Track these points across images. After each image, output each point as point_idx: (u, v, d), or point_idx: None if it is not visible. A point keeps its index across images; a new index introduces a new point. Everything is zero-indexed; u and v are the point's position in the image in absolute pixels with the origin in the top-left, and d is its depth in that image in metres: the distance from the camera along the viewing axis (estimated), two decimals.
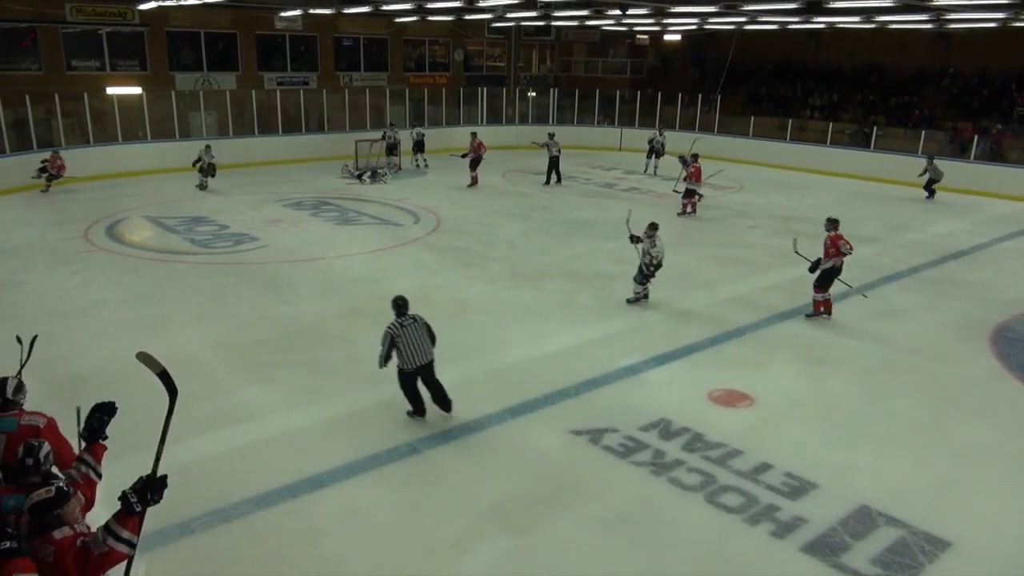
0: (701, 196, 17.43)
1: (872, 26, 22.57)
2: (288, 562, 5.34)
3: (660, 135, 23.53)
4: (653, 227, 10.63)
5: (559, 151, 20.42)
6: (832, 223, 10.38)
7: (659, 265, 10.64)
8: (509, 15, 24.07)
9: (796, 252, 10.77)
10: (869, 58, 28.19)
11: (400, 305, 7.17)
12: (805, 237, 15.19)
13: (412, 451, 6.82)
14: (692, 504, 6.13)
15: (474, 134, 20.42)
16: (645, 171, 22.98)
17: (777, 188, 21.07)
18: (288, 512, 5.90)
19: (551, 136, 20.78)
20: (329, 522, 5.80)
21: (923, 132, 22.96)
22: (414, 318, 7.13)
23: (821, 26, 24.35)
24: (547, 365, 8.74)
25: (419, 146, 22.94)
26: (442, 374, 7.46)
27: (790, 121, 25.51)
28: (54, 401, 6.42)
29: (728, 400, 8.01)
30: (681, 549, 5.61)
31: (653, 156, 23.10)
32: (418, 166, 22.86)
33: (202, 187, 18.70)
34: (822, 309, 10.43)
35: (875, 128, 23.75)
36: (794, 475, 6.51)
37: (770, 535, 5.73)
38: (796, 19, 21.91)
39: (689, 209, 17.08)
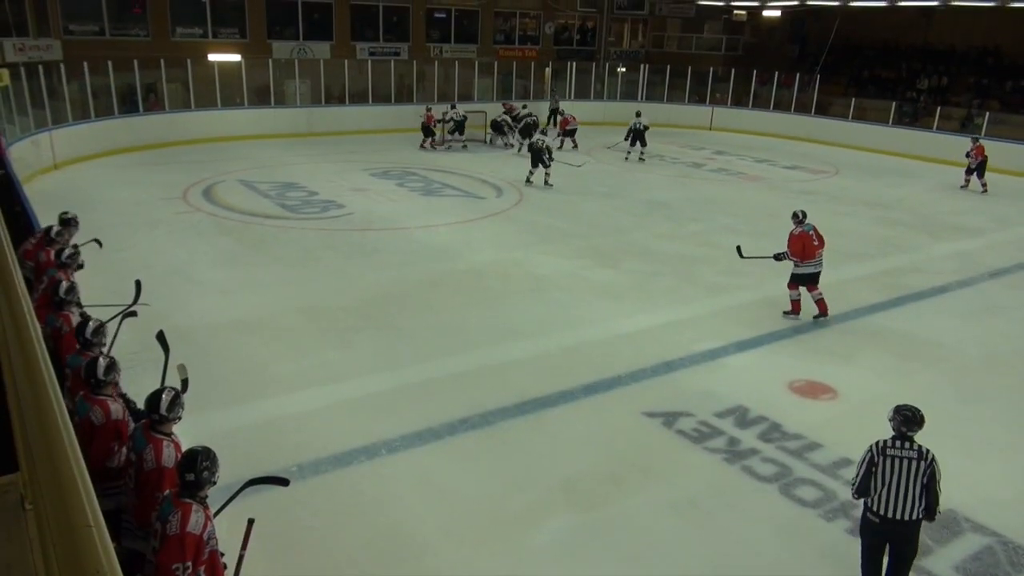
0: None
1: (992, 4, 21.14)
2: (360, 521, 5.51)
3: (638, 117, 20.53)
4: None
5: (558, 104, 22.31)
6: (795, 217, 9.45)
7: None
8: None
9: (743, 257, 9.85)
10: (986, 39, 26.42)
11: (910, 420, 4.60)
12: (904, 227, 14.61)
13: (485, 423, 6.90)
14: (766, 495, 6.00)
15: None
16: (627, 157, 20.53)
17: (876, 174, 20.14)
18: (362, 474, 6.07)
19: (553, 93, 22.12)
20: (401, 486, 5.94)
21: None
22: (922, 454, 4.56)
23: (935, 3, 22.98)
24: (623, 345, 8.67)
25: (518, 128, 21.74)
26: (519, 348, 7.47)
27: (894, 104, 24.25)
28: (149, 352, 6.79)
29: (809, 391, 7.77)
30: (751, 539, 5.50)
31: (638, 142, 20.31)
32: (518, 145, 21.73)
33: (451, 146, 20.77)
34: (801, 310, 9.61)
35: (987, 114, 22.32)
36: None
37: (846, 532, 5.55)
38: None
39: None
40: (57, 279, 5.87)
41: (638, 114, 20.47)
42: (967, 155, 18.16)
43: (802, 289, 9.51)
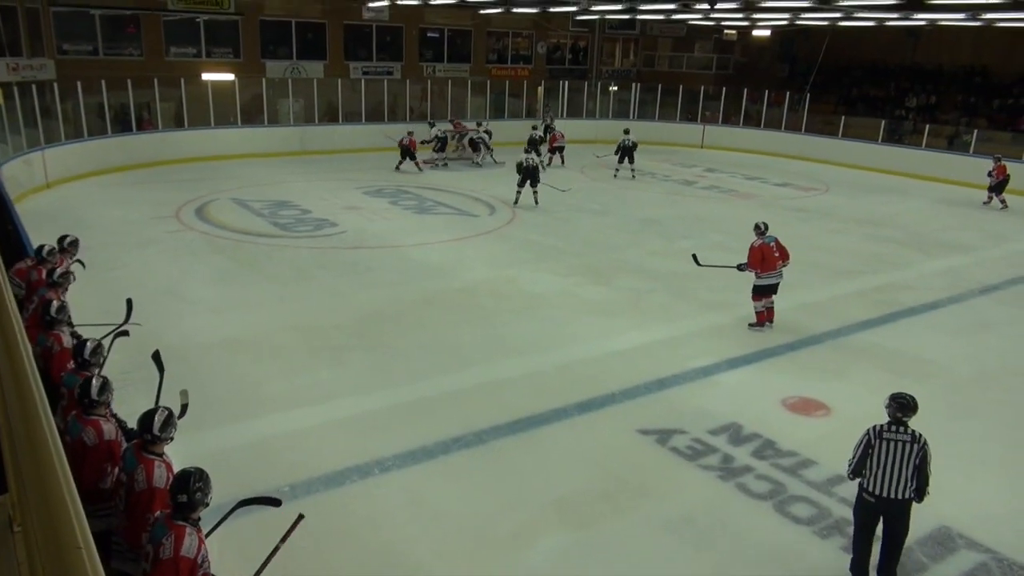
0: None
1: (978, 24, 21.41)
2: (352, 542, 5.47)
3: (627, 134, 20.39)
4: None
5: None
6: (757, 228, 9.55)
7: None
8: (594, 8, 23.87)
9: (700, 265, 9.88)
10: (972, 58, 26.77)
11: (905, 407, 4.96)
12: (895, 243, 14.69)
13: (478, 441, 6.87)
14: (760, 512, 5.98)
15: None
16: (616, 174, 20.29)
17: (866, 191, 20.29)
18: (355, 493, 6.03)
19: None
20: (393, 506, 5.90)
21: None
22: (915, 437, 4.90)
23: (922, 23, 23.26)
24: (617, 362, 8.67)
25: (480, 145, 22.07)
26: (512, 366, 7.47)
27: (883, 122, 24.48)
28: (141, 371, 6.76)
29: (803, 408, 7.77)
30: (746, 557, 5.48)
31: (627, 159, 20.20)
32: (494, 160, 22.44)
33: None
34: (765, 320, 9.71)
35: (975, 132, 22.55)
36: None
37: (841, 549, 5.53)
38: (895, 15, 21.03)
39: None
40: (48, 299, 5.85)
41: (626, 131, 20.61)
42: (989, 174, 18.41)
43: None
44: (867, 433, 4.98)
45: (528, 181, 16.26)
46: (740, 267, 9.65)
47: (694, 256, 10.05)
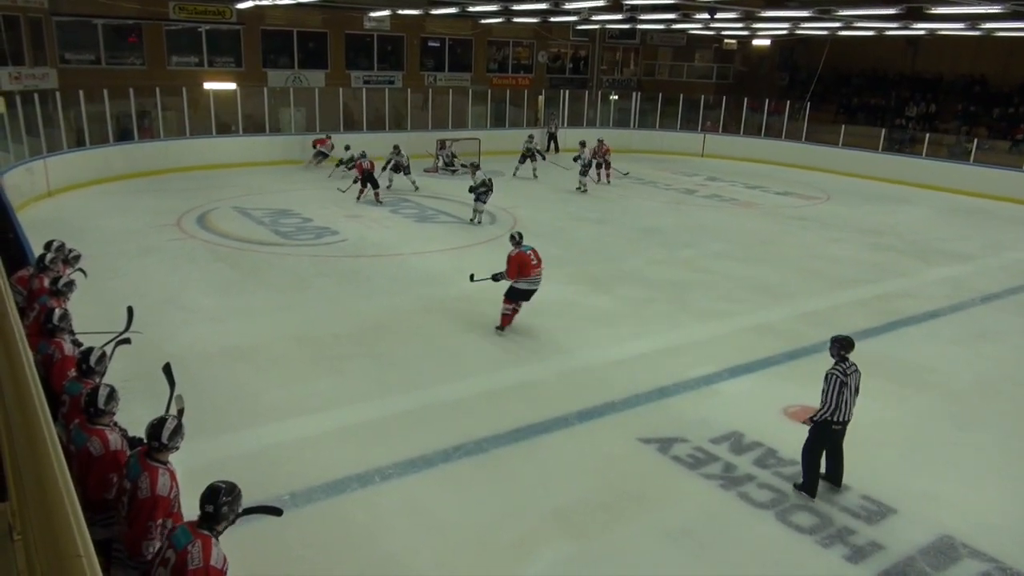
0: None
1: (977, 34, 21.49)
2: (352, 552, 5.45)
3: (583, 148, 19.89)
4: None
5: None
6: (513, 239, 9.59)
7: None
8: (594, 18, 23.97)
9: (473, 281, 9.78)
10: (972, 68, 26.84)
11: (848, 346, 6.11)
12: (895, 252, 14.70)
13: (478, 450, 6.86)
14: (762, 521, 5.96)
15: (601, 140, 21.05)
16: (579, 187, 19.71)
17: (867, 200, 20.31)
18: (355, 502, 6.01)
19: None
20: (393, 515, 5.88)
21: None
22: (856, 367, 6.13)
23: (921, 33, 23.34)
24: (617, 371, 8.66)
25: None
26: (512, 375, 7.47)
27: (883, 131, 24.54)
28: (142, 380, 6.76)
29: (804, 416, 7.74)
30: (748, 566, 5.46)
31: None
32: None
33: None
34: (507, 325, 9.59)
35: (975, 141, 22.60)
36: (872, 499, 6.26)
37: (843, 559, 5.51)
38: (894, 25, 21.10)
39: None
40: (50, 307, 5.84)
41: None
42: None
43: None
44: (835, 376, 5.98)
45: (481, 198, 15.41)
46: (496, 277, 9.53)
47: (471, 276, 9.90)
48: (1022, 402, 8.38)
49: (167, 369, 5.38)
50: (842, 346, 6.10)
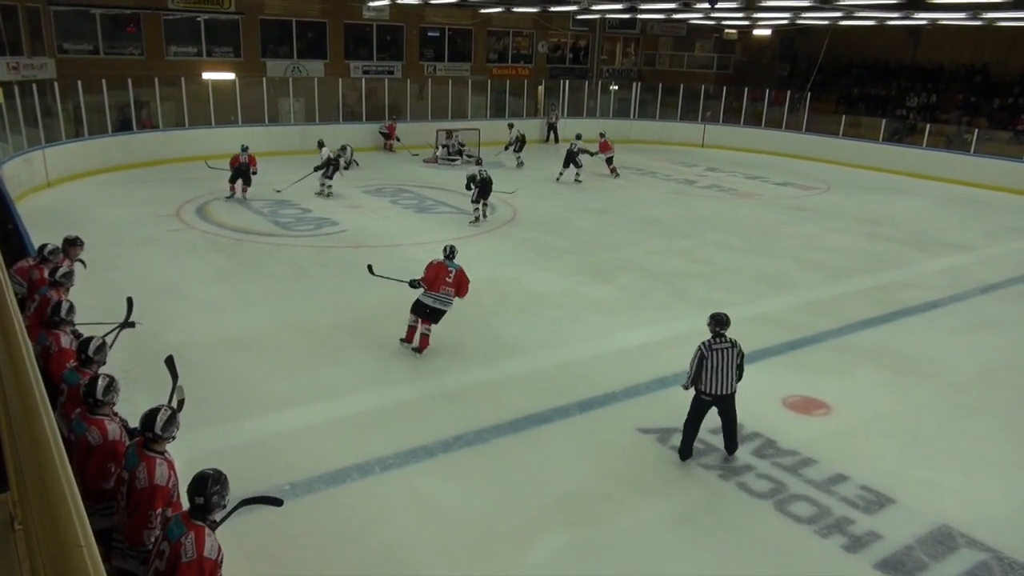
0: None
1: (979, 23, 21.39)
2: (353, 541, 5.46)
3: (577, 140, 19.63)
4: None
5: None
6: (445, 251, 8.86)
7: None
8: (594, 7, 23.85)
9: (374, 275, 9.22)
10: (973, 58, 26.75)
11: (721, 322, 6.51)
12: (896, 242, 14.69)
13: (479, 440, 6.87)
14: (760, 511, 5.98)
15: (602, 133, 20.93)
16: (558, 178, 19.48)
17: (867, 190, 20.28)
18: (355, 492, 6.03)
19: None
20: (394, 504, 5.90)
21: None
22: (732, 343, 6.46)
23: (922, 22, 23.24)
24: (617, 361, 8.67)
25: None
26: (513, 365, 7.46)
27: (884, 121, 24.46)
28: (142, 369, 6.76)
29: (804, 407, 7.77)
30: (746, 555, 5.48)
31: (571, 164, 19.32)
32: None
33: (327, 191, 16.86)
34: (412, 339, 8.79)
35: (976, 131, 22.54)
36: (871, 488, 6.27)
37: (842, 548, 5.53)
38: (896, 15, 21.02)
39: None
40: (50, 298, 5.84)
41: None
42: None
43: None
44: (700, 348, 6.39)
45: (481, 195, 14.92)
46: (412, 283, 8.78)
47: (369, 267, 9.39)
48: (1022, 392, 8.39)
49: (170, 361, 5.38)
50: (717, 322, 6.50)
